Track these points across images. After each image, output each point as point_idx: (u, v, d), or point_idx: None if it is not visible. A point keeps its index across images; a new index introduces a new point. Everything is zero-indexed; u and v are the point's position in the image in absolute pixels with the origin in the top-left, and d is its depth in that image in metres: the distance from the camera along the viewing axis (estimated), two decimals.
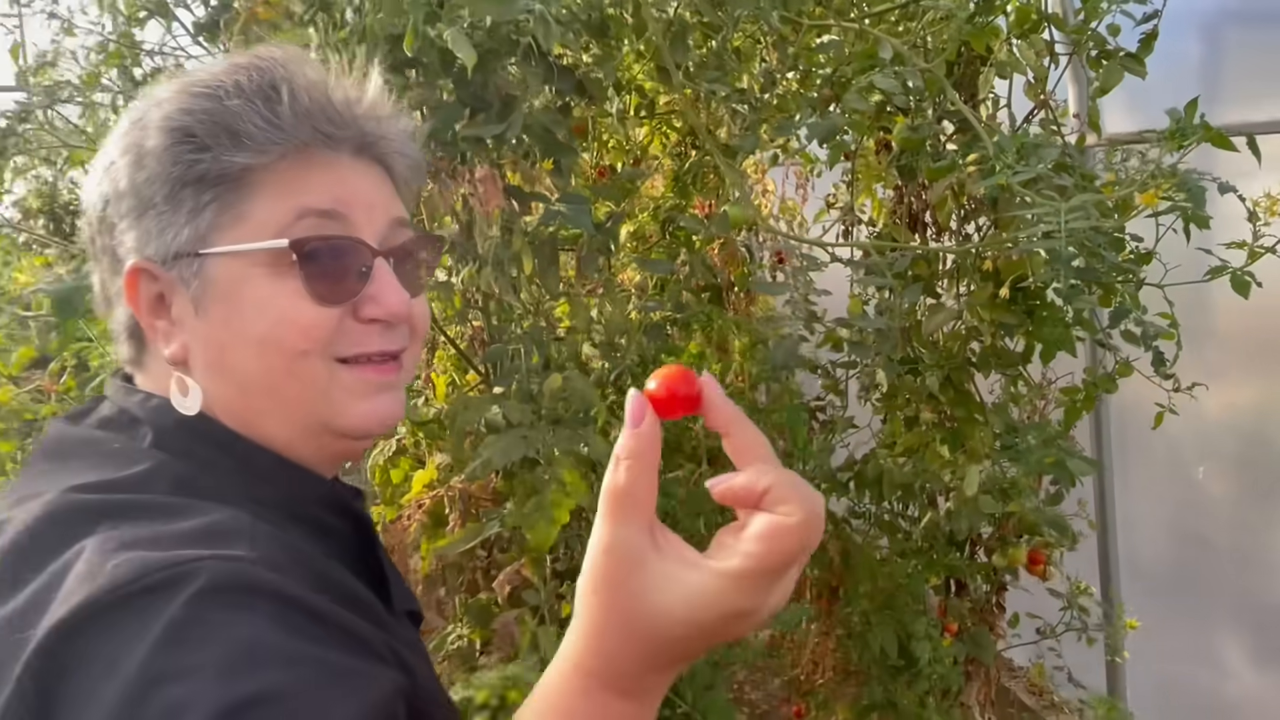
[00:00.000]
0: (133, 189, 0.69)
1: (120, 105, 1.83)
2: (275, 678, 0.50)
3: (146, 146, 0.68)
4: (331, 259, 0.68)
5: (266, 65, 0.70)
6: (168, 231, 0.68)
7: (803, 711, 2.58)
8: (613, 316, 1.78)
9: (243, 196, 0.68)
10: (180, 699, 0.48)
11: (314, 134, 0.69)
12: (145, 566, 0.53)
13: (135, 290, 0.70)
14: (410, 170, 0.79)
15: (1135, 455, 2.90)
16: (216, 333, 0.68)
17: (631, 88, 2.10)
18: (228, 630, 0.51)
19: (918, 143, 1.60)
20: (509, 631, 1.58)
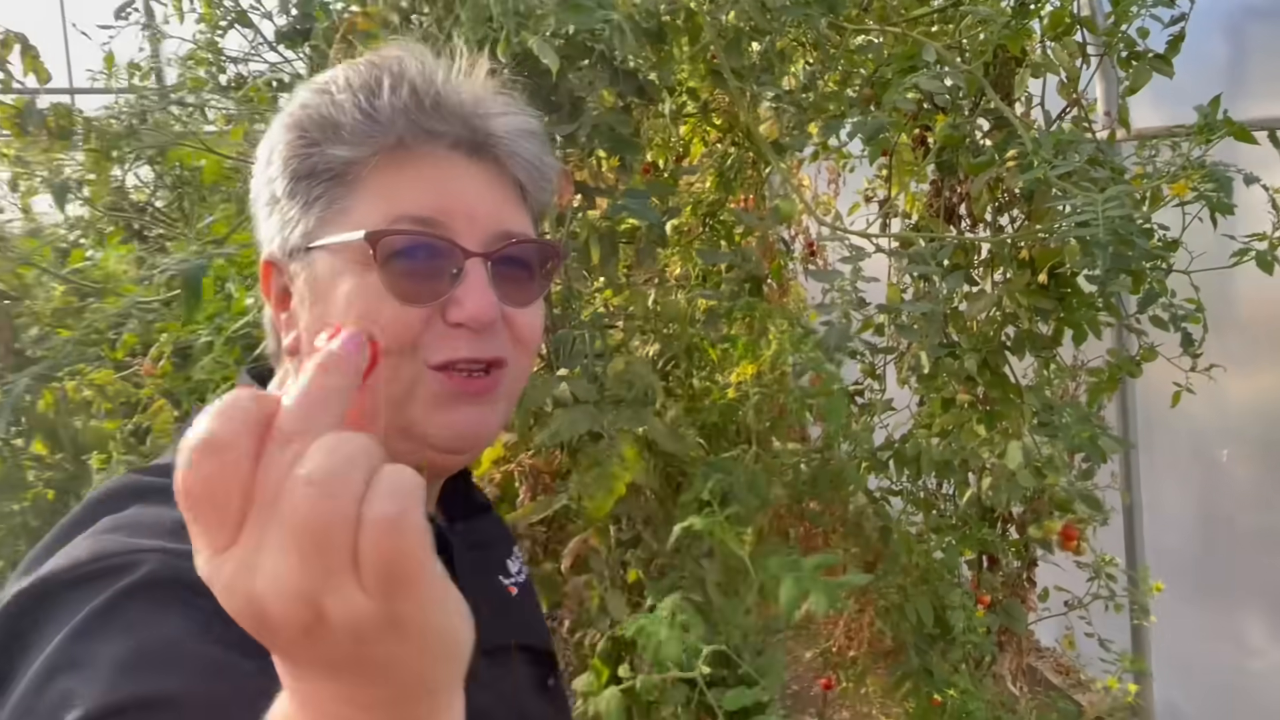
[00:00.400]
0: (265, 184, 0.71)
1: (209, 106, 1.97)
2: (173, 682, 0.48)
3: (273, 143, 0.71)
4: (414, 259, 0.66)
5: (379, 60, 0.70)
6: (288, 226, 0.69)
7: (832, 683, 2.70)
8: (668, 305, 1.90)
9: (348, 192, 0.68)
10: (70, 691, 0.47)
11: (411, 127, 0.68)
12: (100, 552, 0.54)
13: (267, 282, 0.72)
14: (532, 174, 0.75)
15: (1161, 439, 2.99)
16: (318, 326, 0.68)
17: (684, 89, 2.21)
18: (143, 627, 0.50)
19: (958, 140, 1.71)
20: (579, 595, 1.70)
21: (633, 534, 1.81)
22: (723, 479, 1.75)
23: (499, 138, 0.71)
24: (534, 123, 0.76)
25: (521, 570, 0.90)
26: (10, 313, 1.58)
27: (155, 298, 1.48)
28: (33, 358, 1.61)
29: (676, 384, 2.35)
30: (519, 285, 0.70)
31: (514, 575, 0.88)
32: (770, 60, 2.02)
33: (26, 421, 1.71)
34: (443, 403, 0.67)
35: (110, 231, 2.06)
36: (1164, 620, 3.03)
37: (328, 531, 0.33)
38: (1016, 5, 1.75)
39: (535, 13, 1.36)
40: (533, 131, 0.75)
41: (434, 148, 0.69)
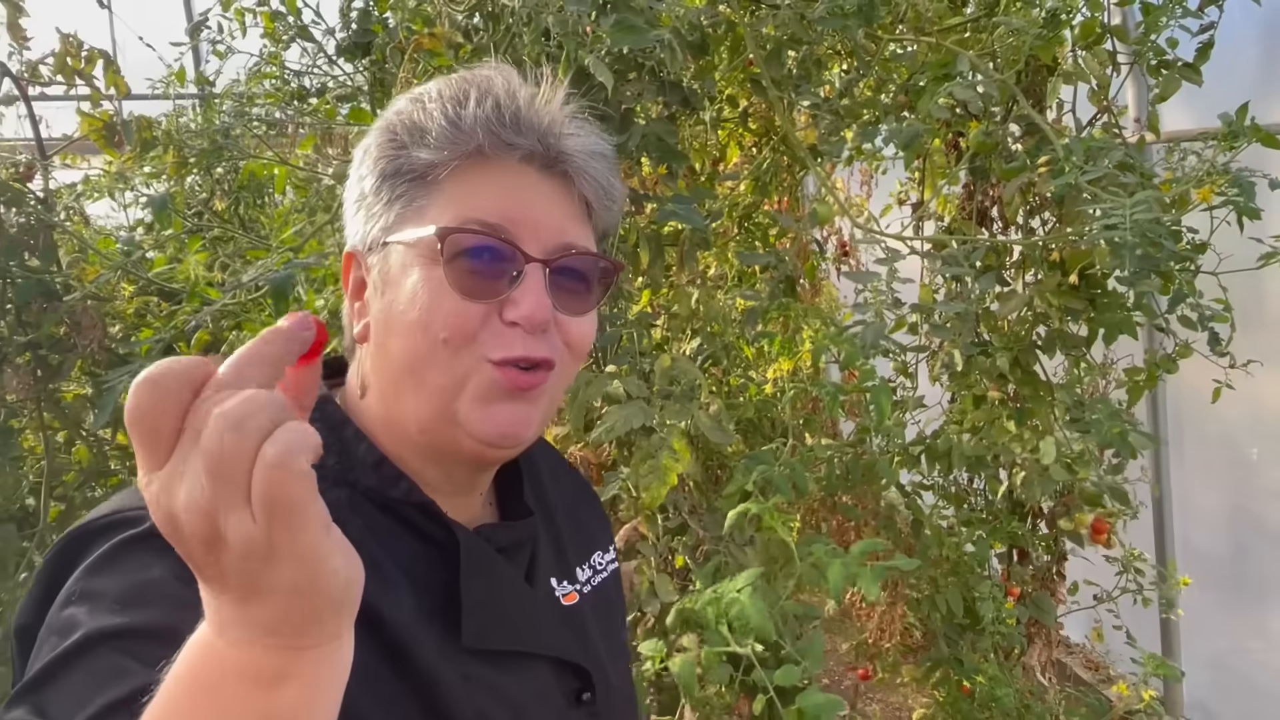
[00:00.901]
0: (356, 182, 0.77)
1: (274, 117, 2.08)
2: (155, 615, 0.56)
3: (367, 145, 0.76)
4: (478, 258, 0.70)
5: (470, 76, 0.75)
6: (371, 221, 0.74)
7: (869, 674, 2.78)
8: (710, 304, 1.98)
9: (426, 193, 0.72)
10: (75, 618, 0.57)
11: (490, 137, 0.72)
12: (118, 507, 0.64)
13: (347, 273, 0.77)
14: (598, 193, 0.78)
15: (1191, 436, 3.04)
16: (384, 314, 0.73)
17: (724, 97, 2.30)
18: (139, 570, 0.59)
19: (991, 146, 1.78)
20: (629, 578, 1.79)
21: (679, 522, 1.89)
22: (766, 470, 1.84)
23: (570, 156, 0.76)
24: (606, 146, 0.80)
25: (593, 581, 0.91)
26: (100, 312, 1.70)
27: (234, 301, 1.59)
28: (120, 355, 1.73)
29: (714, 381, 2.44)
30: (575, 294, 0.75)
31: (581, 581, 0.90)
32: (808, 68, 2.10)
33: (114, 415, 1.83)
34: (491, 398, 0.70)
35: (189, 237, 2.18)
36: (1193, 617, 3.07)
37: (230, 460, 0.40)
38: (1048, 15, 1.82)
39: (591, 33, 1.45)
40: (603, 154, 0.79)
41: (509, 158, 0.73)
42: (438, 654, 0.69)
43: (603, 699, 0.83)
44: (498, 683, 0.73)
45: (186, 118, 2.13)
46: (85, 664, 0.55)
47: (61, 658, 0.55)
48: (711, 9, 1.92)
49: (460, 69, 1.31)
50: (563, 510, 0.94)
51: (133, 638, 0.55)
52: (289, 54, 2.28)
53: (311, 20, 2.20)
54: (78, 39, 1.84)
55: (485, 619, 0.73)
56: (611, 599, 0.95)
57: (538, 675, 0.78)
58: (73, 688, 0.54)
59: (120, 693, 0.52)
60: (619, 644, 0.95)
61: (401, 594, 0.70)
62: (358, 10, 2.05)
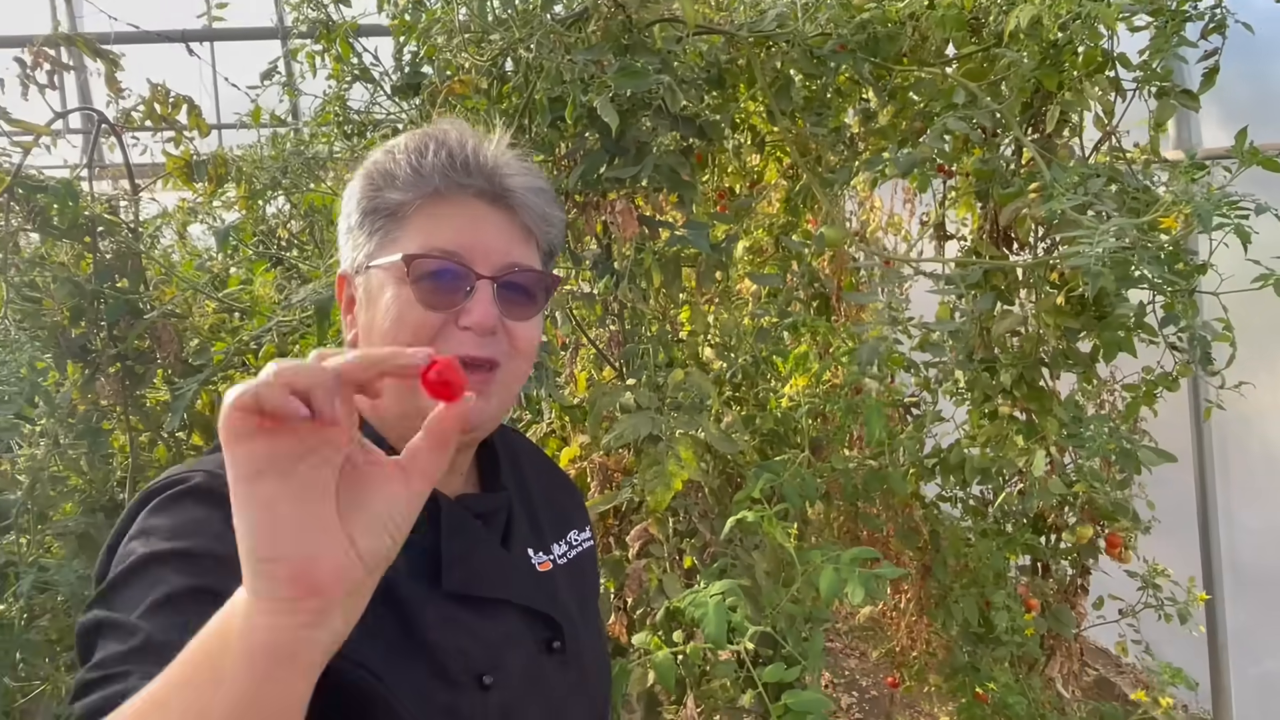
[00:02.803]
0: (345, 218, 0.93)
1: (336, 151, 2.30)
2: (197, 543, 0.72)
3: (352, 187, 0.93)
4: (438, 278, 0.86)
5: (430, 131, 0.91)
6: (356, 249, 0.91)
7: (897, 682, 2.84)
8: (727, 322, 2.11)
9: (398, 226, 0.89)
10: (135, 548, 0.73)
11: (446, 180, 0.88)
12: (174, 472, 0.81)
13: (341, 294, 0.94)
14: (539, 220, 0.93)
15: (1235, 455, 3.00)
16: (367, 325, 0.89)
17: (746, 125, 2.42)
18: (184, 512, 0.76)
19: (988, 174, 1.86)
20: (639, 577, 1.93)
21: (689, 525, 2.02)
22: (772, 479, 1.95)
23: (513, 192, 0.91)
24: (542, 182, 0.95)
25: (568, 555, 1.06)
26: (179, 328, 1.94)
27: (293, 318, 1.80)
28: (195, 365, 1.97)
29: (740, 393, 2.56)
30: (519, 304, 0.90)
31: (556, 554, 1.05)
32: (826, 99, 2.21)
33: (188, 418, 2.08)
34: None
35: (256, 260, 2.42)
36: (1242, 634, 3.02)
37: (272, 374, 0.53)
38: (1049, 46, 1.89)
39: (597, 79, 1.61)
40: (541, 188, 0.94)
41: (463, 196, 0.89)
42: (424, 599, 0.84)
43: (572, 650, 0.97)
44: (475, 624, 0.87)
45: (258, 149, 2.38)
46: (139, 578, 0.72)
47: (123, 574, 0.72)
48: (727, 47, 2.06)
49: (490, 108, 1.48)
50: (541, 495, 1.09)
51: (176, 558, 0.72)
52: (350, 93, 2.52)
53: (371, 62, 2.43)
54: (165, 87, 2.10)
55: (463, 571, 0.88)
56: (585, 570, 1.10)
57: (510, 621, 0.91)
58: (130, 593, 0.71)
59: (159, 594, 0.69)
60: (591, 610, 1.08)
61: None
62: (409, 54, 2.26)
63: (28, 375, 1.71)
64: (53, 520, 2.01)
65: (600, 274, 2.04)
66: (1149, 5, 1.84)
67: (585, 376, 2.43)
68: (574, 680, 0.97)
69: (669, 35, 1.96)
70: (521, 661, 0.90)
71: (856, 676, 4.10)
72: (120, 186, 2.18)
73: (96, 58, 1.89)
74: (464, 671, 0.84)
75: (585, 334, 2.30)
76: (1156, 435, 2.24)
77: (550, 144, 1.88)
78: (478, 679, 0.84)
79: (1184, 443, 3.06)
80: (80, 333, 1.92)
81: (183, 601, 0.68)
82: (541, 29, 1.61)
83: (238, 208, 2.11)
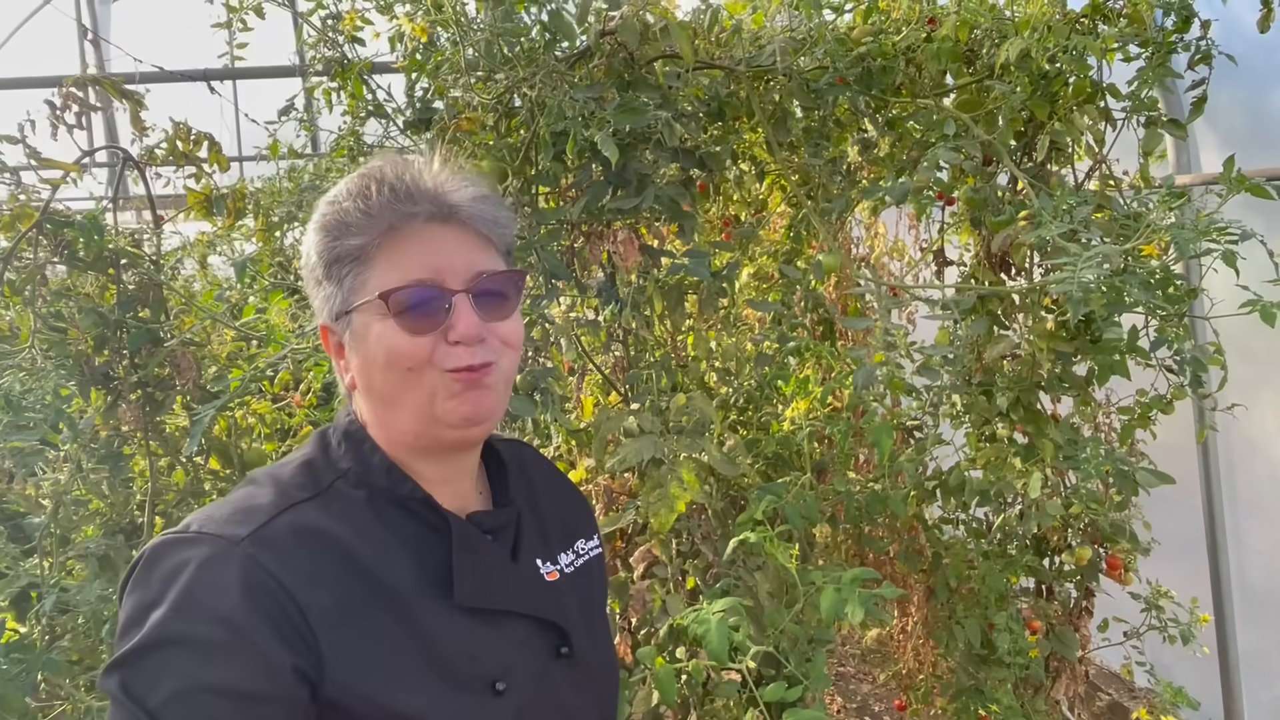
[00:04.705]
0: (310, 272, 0.97)
1: None
2: (204, 630, 0.78)
3: (310, 242, 0.96)
4: (416, 304, 0.90)
5: (366, 173, 0.95)
6: (330, 299, 0.95)
7: (905, 705, 2.84)
8: (728, 347, 2.16)
9: (364, 267, 0.92)
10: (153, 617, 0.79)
11: (394, 214, 0.92)
12: (187, 525, 0.86)
13: (326, 341, 0.98)
14: (491, 225, 0.98)
15: (1242, 477, 3.01)
16: (363, 364, 0.94)
17: (747, 156, 2.49)
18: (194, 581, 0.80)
19: (979, 202, 1.91)
20: (643, 598, 1.97)
21: (692, 547, 2.06)
22: (774, 501, 1.99)
23: (459, 206, 0.96)
24: (485, 189, 1.00)
25: (575, 563, 1.11)
26: (197, 356, 2.01)
27: (306, 345, 1.87)
28: (212, 392, 2.04)
29: (746, 417, 2.60)
30: (497, 304, 0.95)
31: (563, 563, 1.10)
32: (824, 130, 2.28)
33: (206, 443, 2.15)
34: (456, 392, 0.91)
35: (272, 289, 2.50)
36: (1254, 658, 3.01)
37: None
38: (1039, 77, 1.95)
39: (597, 115, 1.68)
40: (485, 195, 0.99)
41: (414, 223, 0.93)
42: (435, 611, 0.90)
43: (581, 655, 1.02)
44: (486, 634, 0.93)
45: (277, 182, 2.46)
46: (153, 658, 0.78)
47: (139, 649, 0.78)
48: (727, 81, 2.13)
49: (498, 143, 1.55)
50: (549, 506, 1.15)
51: (183, 646, 0.78)
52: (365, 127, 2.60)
53: (384, 98, 2.51)
54: (187, 125, 2.18)
55: (473, 584, 0.93)
56: (594, 577, 1.15)
57: (520, 629, 0.97)
58: (146, 674, 0.78)
59: (171, 689, 0.76)
60: (600, 616, 1.14)
61: (405, 566, 0.90)
62: (421, 91, 2.34)
63: (53, 402, 1.78)
64: (74, 543, 2.07)
65: (605, 301, 2.10)
66: (1135, 37, 1.90)
67: (592, 402, 2.48)
68: (583, 684, 1.03)
69: (670, 71, 2.03)
70: (533, 668, 0.96)
71: (869, 701, 4.09)
72: (144, 219, 2.27)
73: (122, 99, 1.98)
74: (477, 678, 0.89)
75: (591, 360, 2.36)
76: (1163, 458, 2.27)
77: (555, 176, 1.95)
78: (491, 685, 0.90)
79: (1191, 465, 3.07)
80: (103, 361, 1.99)
81: (191, 702, 0.76)
82: (544, 68, 1.69)
83: (255, 240, 2.19)
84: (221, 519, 0.86)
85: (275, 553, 0.84)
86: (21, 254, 1.94)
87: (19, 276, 1.94)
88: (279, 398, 2.30)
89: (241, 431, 2.24)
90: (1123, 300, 1.57)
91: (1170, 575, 2.51)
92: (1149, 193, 2.06)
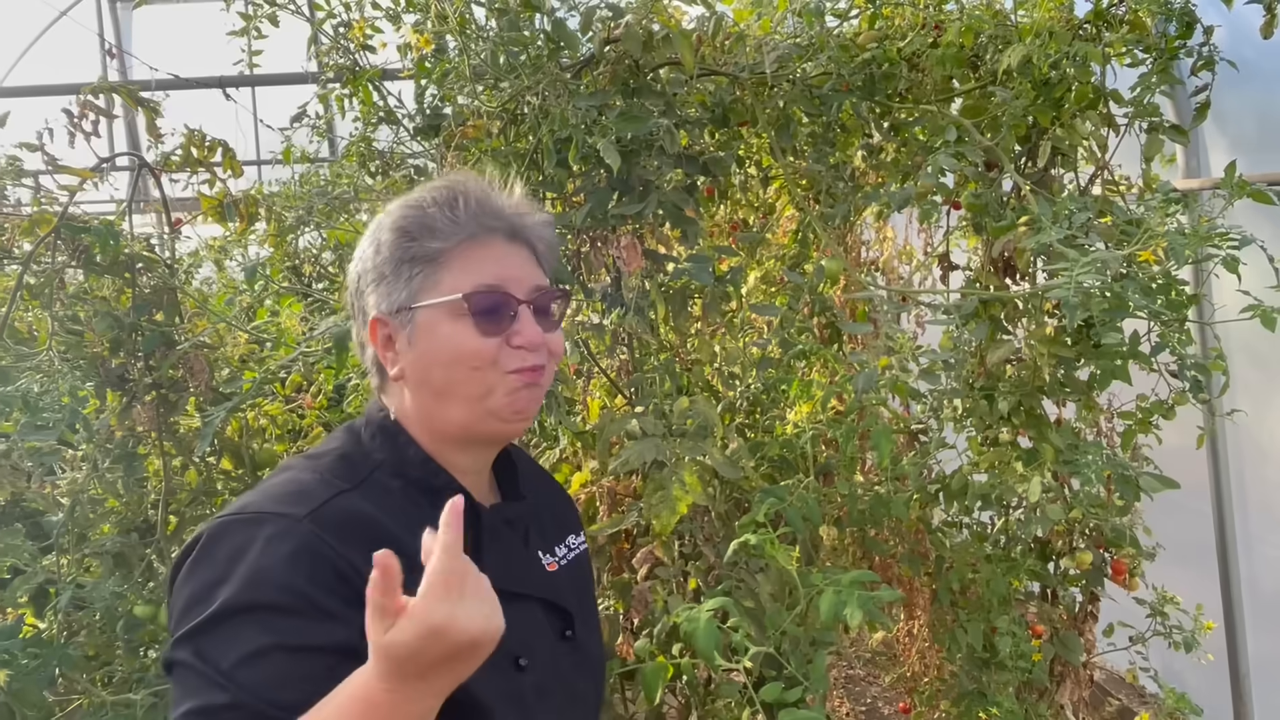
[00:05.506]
0: (374, 267, 1.05)
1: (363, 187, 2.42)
2: (271, 595, 0.85)
3: (382, 239, 1.04)
4: (490, 308, 1.01)
5: (452, 184, 1.06)
6: (393, 294, 1.03)
7: (909, 708, 2.85)
8: (732, 351, 2.18)
9: (438, 269, 1.02)
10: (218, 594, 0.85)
11: (479, 226, 1.03)
12: (244, 507, 0.93)
13: (374, 333, 1.05)
14: (548, 249, 1.13)
15: (1253, 482, 2.99)
16: (420, 357, 1.02)
17: (752, 161, 2.51)
18: (258, 555, 0.87)
19: (980, 208, 1.92)
20: (644, 598, 1.99)
21: (694, 549, 2.08)
22: (776, 504, 2.01)
23: (528, 228, 1.09)
24: (549, 218, 1.15)
25: (568, 557, 1.21)
26: (210, 358, 2.05)
27: (316, 348, 1.91)
28: (224, 393, 2.08)
29: (753, 419, 2.62)
30: (549, 318, 1.07)
31: (559, 556, 1.19)
32: (828, 136, 2.29)
33: (218, 443, 2.19)
34: (511, 389, 1.02)
35: (284, 293, 2.54)
36: (1264, 665, 2.99)
37: None
38: (1041, 83, 1.95)
39: (600, 122, 1.70)
40: (548, 223, 1.13)
41: (492, 238, 1.05)
42: None
43: (580, 639, 1.13)
44: (508, 614, 0.99)
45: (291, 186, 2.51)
46: (223, 628, 0.84)
47: (208, 621, 0.85)
48: (731, 87, 2.15)
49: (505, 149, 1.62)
50: (543, 502, 1.25)
51: (254, 612, 0.85)
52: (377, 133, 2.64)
53: (395, 105, 2.55)
54: (201, 132, 2.23)
55: (498, 569, 0.98)
56: (584, 570, 1.26)
57: (534, 612, 1.07)
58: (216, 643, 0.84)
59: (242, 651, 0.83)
60: (590, 606, 1.24)
61: None
62: (430, 98, 2.38)
63: (70, 403, 1.83)
64: (91, 540, 2.12)
65: (610, 306, 2.12)
66: (1138, 43, 1.90)
67: (598, 405, 2.51)
68: (582, 665, 1.13)
69: (674, 78, 2.05)
70: (546, 647, 1.06)
71: (878, 704, 4.09)
72: (162, 223, 2.32)
73: (138, 106, 2.03)
74: (504, 656, 0.95)
75: (596, 363, 2.38)
76: (1173, 462, 2.26)
77: (560, 182, 1.98)
78: (515, 661, 0.99)
79: (1201, 470, 3.05)
80: (119, 363, 2.04)
81: (264, 660, 0.83)
82: (548, 77, 1.72)
83: (267, 244, 2.24)
84: (276, 500, 0.93)
85: (334, 530, 0.91)
86: (40, 258, 1.99)
87: (38, 280, 1.99)
88: (290, 399, 2.34)
89: (253, 432, 2.28)
90: (1125, 306, 1.57)
91: (1181, 581, 2.50)
92: (1150, 198, 2.06)
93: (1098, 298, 1.54)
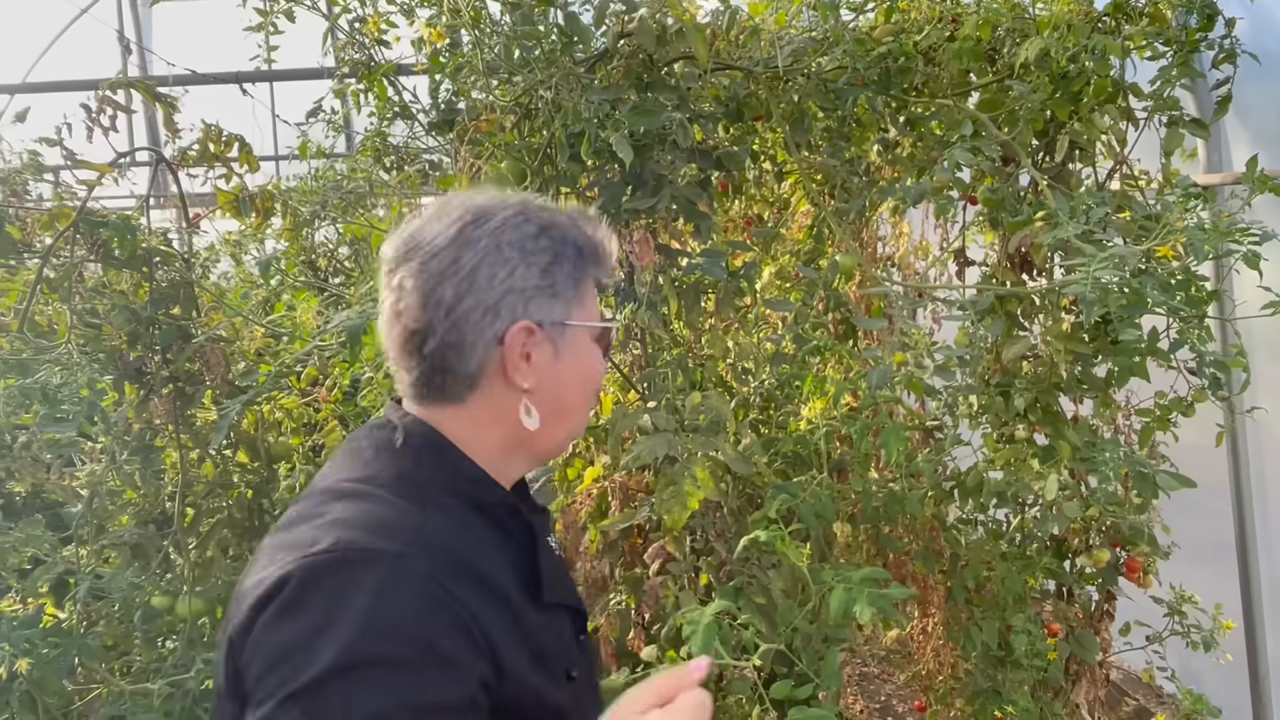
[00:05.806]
0: (540, 276, 1.00)
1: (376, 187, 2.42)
2: (392, 649, 0.76)
3: (559, 255, 1.01)
4: (609, 343, 1.10)
5: (598, 230, 1.07)
6: (551, 308, 1.00)
7: (924, 706, 2.84)
8: (745, 346, 2.17)
9: (589, 297, 1.05)
10: (331, 639, 0.75)
11: (607, 271, 1.09)
12: (333, 545, 0.83)
13: (515, 338, 0.98)
14: None
15: (1273, 478, 2.95)
16: (560, 374, 1.02)
17: (766, 155, 2.50)
18: (376, 598, 0.78)
19: (996, 203, 1.90)
20: (655, 593, 2.00)
21: (706, 544, 2.08)
22: (789, 500, 2.00)
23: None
24: None
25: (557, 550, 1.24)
26: (226, 351, 2.07)
27: (331, 342, 1.92)
28: (240, 387, 2.09)
29: (767, 415, 2.61)
30: None
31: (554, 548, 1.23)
32: (844, 130, 2.28)
33: (234, 436, 2.21)
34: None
35: (300, 287, 2.56)
36: None
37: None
38: (1059, 77, 1.93)
39: (613, 116, 1.70)
40: None
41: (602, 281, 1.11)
42: (527, 609, 0.96)
43: (589, 641, 1.16)
44: (555, 627, 1.03)
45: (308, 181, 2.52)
46: (340, 685, 0.75)
47: (322, 676, 0.75)
48: (746, 81, 2.14)
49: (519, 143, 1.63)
50: None
51: (373, 669, 0.76)
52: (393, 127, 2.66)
53: (410, 99, 2.56)
54: (218, 127, 2.25)
55: (550, 583, 1.02)
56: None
57: (565, 620, 1.07)
58: (332, 702, 0.75)
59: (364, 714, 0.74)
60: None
61: (503, 569, 0.96)
62: (445, 92, 2.39)
63: (88, 396, 1.85)
64: (110, 531, 2.14)
65: (622, 300, 2.12)
66: (1158, 36, 1.88)
67: (611, 400, 2.51)
68: (592, 666, 1.16)
69: (689, 72, 2.05)
70: (578, 654, 1.08)
71: (892, 701, 4.08)
72: (179, 217, 2.34)
73: (156, 102, 2.05)
74: (559, 669, 0.99)
75: (609, 358, 2.38)
76: (1193, 460, 2.23)
77: (574, 177, 1.97)
78: (566, 673, 1.00)
79: (1221, 468, 3.02)
80: (136, 356, 2.06)
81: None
82: (561, 71, 1.71)
83: (283, 239, 2.25)
84: (366, 534, 0.86)
85: (440, 565, 0.85)
86: (60, 252, 2.01)
87: (57, 274, 2.01)
88: (305, 393, 2.36)
89: (269, 426, 2.30)
90: (1143, 302, 1.56)
91: (1200, 580, 2.47)
92: (1170, 193, 2.04)
93: (1116, 294, 1.52)
